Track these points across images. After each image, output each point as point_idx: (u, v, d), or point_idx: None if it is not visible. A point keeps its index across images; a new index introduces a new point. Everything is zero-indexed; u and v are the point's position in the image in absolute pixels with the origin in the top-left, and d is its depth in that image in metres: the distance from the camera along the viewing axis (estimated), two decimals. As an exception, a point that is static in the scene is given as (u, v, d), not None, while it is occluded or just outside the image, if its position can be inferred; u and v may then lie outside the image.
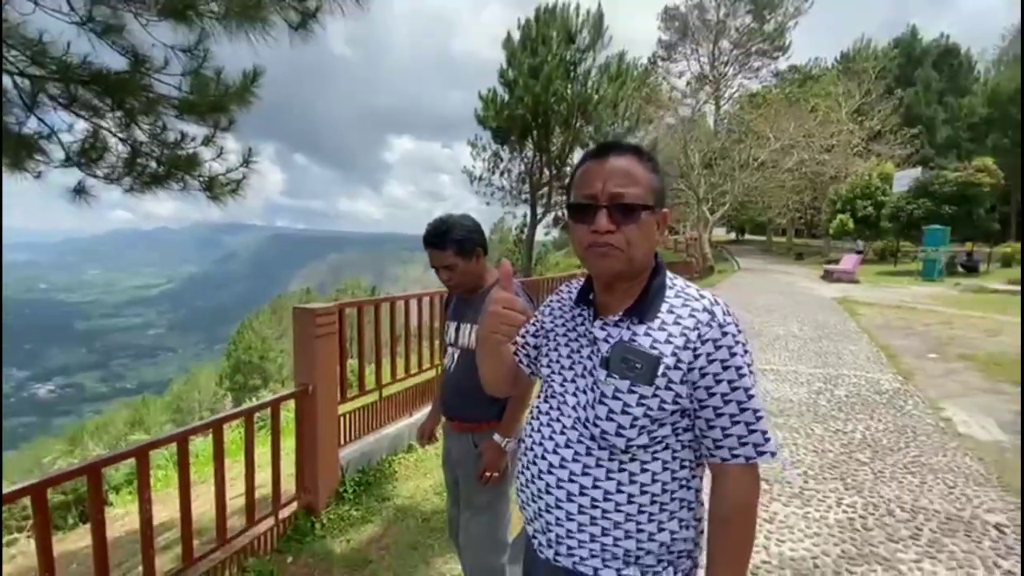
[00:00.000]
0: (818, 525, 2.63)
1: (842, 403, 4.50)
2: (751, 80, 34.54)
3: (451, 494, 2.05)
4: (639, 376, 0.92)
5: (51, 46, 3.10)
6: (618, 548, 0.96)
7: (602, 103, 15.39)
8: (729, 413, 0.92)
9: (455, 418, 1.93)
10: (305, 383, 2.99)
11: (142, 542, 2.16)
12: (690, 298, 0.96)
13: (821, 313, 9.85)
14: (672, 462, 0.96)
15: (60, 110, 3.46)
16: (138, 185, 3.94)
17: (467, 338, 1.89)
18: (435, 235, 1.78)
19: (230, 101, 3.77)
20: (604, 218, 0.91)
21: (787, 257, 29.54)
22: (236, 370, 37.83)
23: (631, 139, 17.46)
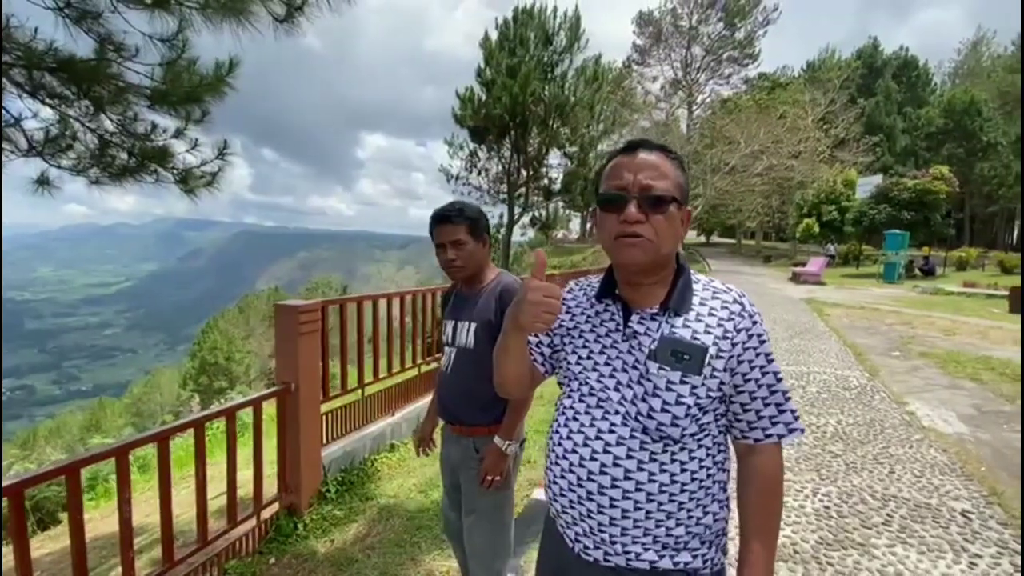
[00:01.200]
0: (796, 514, 2.72)
1: (814, 399, 4.66)
2: (722, 86, 35.51)
3: (450, 498, 1.96)
4: (689, 367, 0.95)
5: (18, 31, 2.96)
6: (670, 537, 0.98)
7: (579, 105, 15.53)
8: (762, 396, 0.98)
9: (454, 421, 1.85)
10: (287, 381, 2.94)
11: (121, 544, 2.08)
12: (718, 291, 1.02)
13: (791, 313, 10.16)
14: (712, 447, 1.00)
15: (25, 97, 3.31)
16: (106, 177, 3.78)
17: (465, 337, 1.80)
18: (450, 209, 1.74)
19: (204, 92, 3.67)
20: (634, 207, 0.94)
21: (756, 259, 30.39)
22: (201, 371, 36.61)
23: (607, 141, 17.68)
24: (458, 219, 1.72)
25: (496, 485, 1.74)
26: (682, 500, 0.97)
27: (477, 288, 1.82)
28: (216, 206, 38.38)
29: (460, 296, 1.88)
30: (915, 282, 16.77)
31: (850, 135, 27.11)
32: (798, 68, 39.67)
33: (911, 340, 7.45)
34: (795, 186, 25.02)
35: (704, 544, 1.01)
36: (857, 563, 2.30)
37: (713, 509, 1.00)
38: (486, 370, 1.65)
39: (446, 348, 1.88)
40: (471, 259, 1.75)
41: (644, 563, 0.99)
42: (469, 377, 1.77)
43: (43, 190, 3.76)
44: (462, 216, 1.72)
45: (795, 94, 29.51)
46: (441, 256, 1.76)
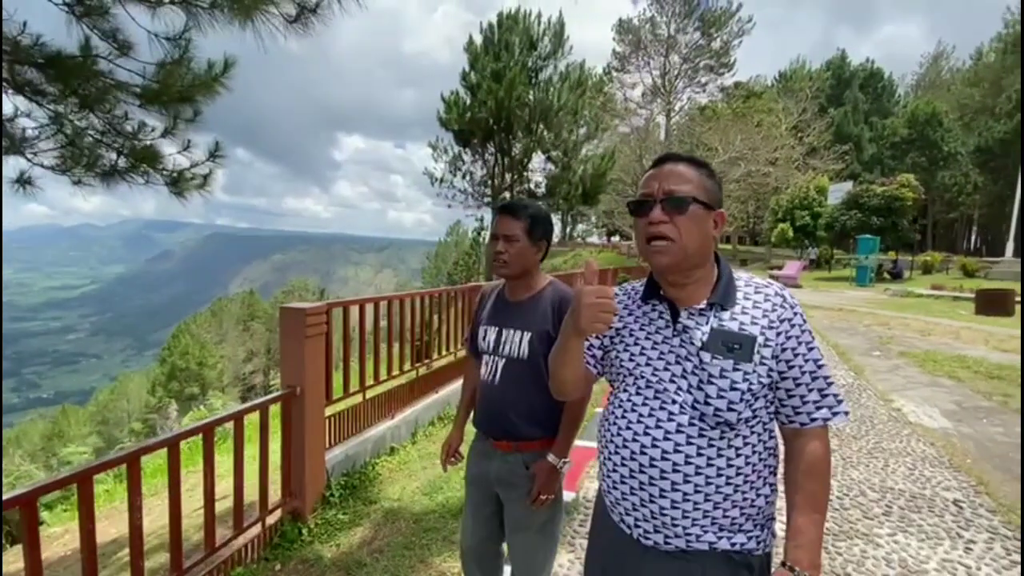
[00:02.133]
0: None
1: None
2: (699, 94, 36.28)
3: (478, 515, 1.79)
4: (740, 355, 1.03)
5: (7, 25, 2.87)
6: (727, 519, 1.04)
7: (563, 110, 15.66)
8: (805, 382, 1.05)
9: (501, 436, 1.72)
10: (292, 385, 2.90)
11: (131, 551, 2.03)
12: (760, 285, 1.10)
13: (771, 315, 10.41)
14: (764, 433, 1.07)
15: (10, 93, 3.20)
16: (91, 177, 3.68)
17: (516, 346, 1.68)
18: (515, 203, 1.71)
19: (197, 91, 3.60)
20: (658, 210, 1.04)
21: (732, 264, 31.06)
22: (171, 377, 35.55)
23: (589, 146, 17.88)
24: (519, 214, 1.66)
25: (548, 504, 1.66)
26: (738, 483, 1.03)
27: (526, 295, 1.72)
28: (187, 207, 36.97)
29: (505, 302, 1.76)
30: (885, 285, 17.41)
31: (821, 143, 28.02)
32: (771, 78, 40.84)
33: (890, 340, 7.73)
34: (771, 192, 25.72)
35: (757, 526, 1.07)
36: (864, 552, 2.40)
37: (765, 492, 1.07)
38: (541, 382, 1.60)
39: (486, 357, 1.75)
40: (519, 258, 1.66)
41: (704, 544, 1.04)
42: (522, 388, 1.67)
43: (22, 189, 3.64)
44: (524, 213, 1.66)
45: (769, 103, 30.42)
46: (491, 247, 1.70)
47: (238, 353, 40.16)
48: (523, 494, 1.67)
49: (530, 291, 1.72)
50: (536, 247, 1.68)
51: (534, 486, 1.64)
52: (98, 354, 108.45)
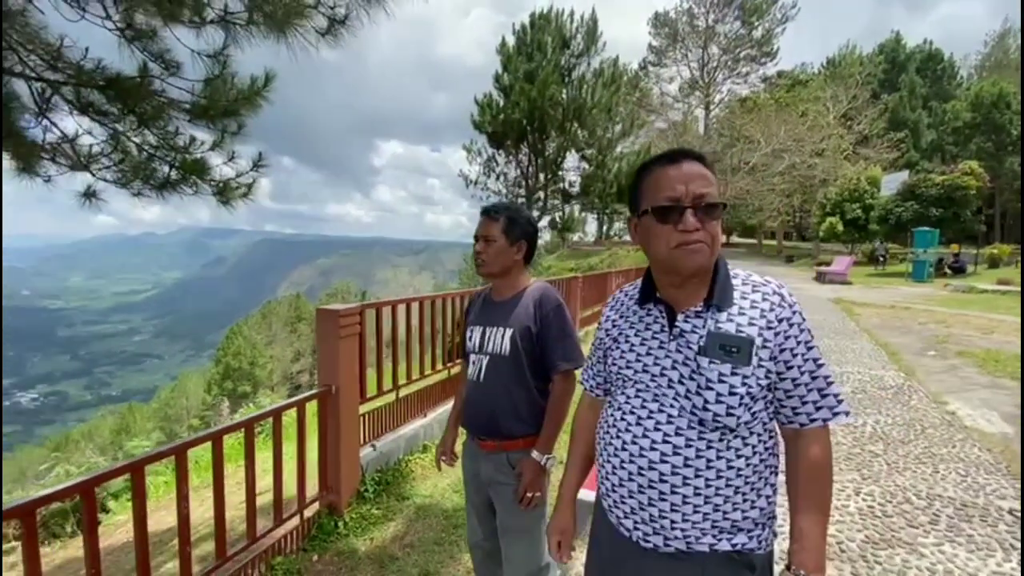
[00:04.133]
0: (840, 513, 2.70)
1: (849, 399, 4.60)
2: (740, 85, 35.10)
3: (478, 518, 1.83)
4: (739, 358, 1.00)
5: (69, 51, 3.10)
6: (727, 521, 1.03)
7: (597, 108, 15.53)
8: (804, 382, 1.03)
9: (485, 436, 1.73)
10: (328, 383, 3.00)
11: (179, 539, 2.16)
12: (758, 284, 1.07)
13: (819, 313, 9.98)
14: (764, 434, 1.05)
15: (75, 114, 3.45)
16: (148, 189, 3.92)
17: (498, 344, 1.70)
18: (494, 205, 1.76)
19: (241, 106, 3.78)
20: (691, 217, 0.99)
21: (777, 259, 29.91)
22: (225, 376, 37.36)
23: (624, 143, 17.65)
24: (497, 216, 1.71)
25: (536, 503, 1.66)
26: (738, 485, 1.02)
27: (510, 295, 1.75)
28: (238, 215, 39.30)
29: (491, 302, 1.80)
30: (945, 280, 16.33)
31: (873, 131, 26.58)
32: (818, 65, 39.02)
33: (947, 339, 7.27)
34: (818, 184, 24.58)
35: (758, 526, 1.05)
36: (906, 561, 2.29)
37: (766, 492, 1.06)
38: (523, 378, 1.67)
39: (473, 356, 1.78)
40: (497, 257, 1.70)
41: (704, 546, 1.03)
42: (505, 385, 1.70)
43: (88, 202, 3.92)
44: (502, 214, 1.71)
45: (816, 91, 29.05)
46: (474, 249, 1.76)
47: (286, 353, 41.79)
48: (510, 493, 1.68)
49: (513, 290, 1.76)
50: (515, 247, 1.72)
51: (520, 485, 1.65)
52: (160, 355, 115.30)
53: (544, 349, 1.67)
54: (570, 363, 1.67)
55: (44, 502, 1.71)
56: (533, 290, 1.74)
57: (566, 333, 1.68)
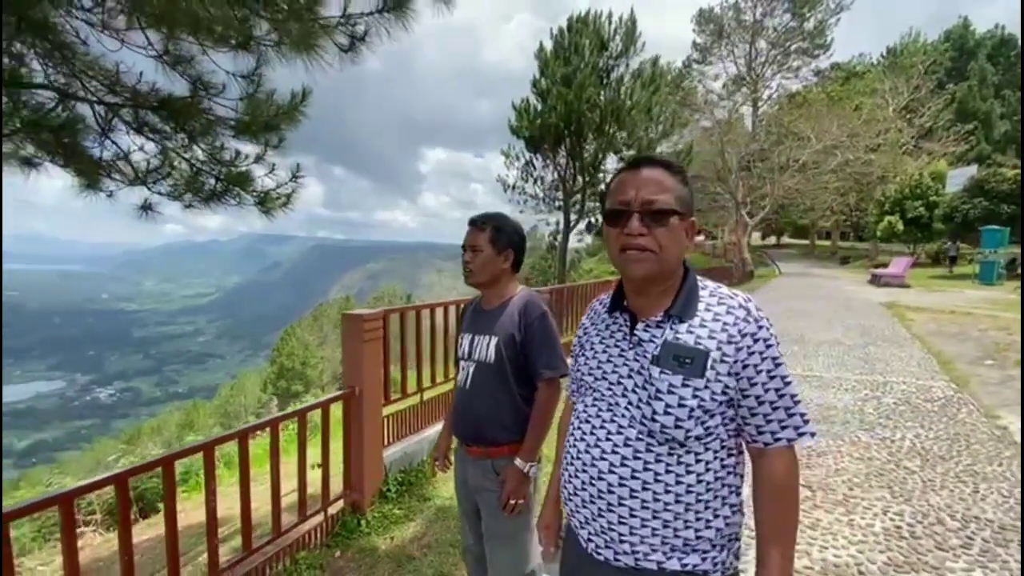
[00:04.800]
0: (863, 532, 2.58)
1: (890, 411, 4.36)
2: (790, 80, 33.56)
3: (468, 522, 1.86)
4: (691, 370, 0.98)
5: (126, 76, 3.39)
6: (678, 539, 1.00)
7: (635, 108, 15.31)
8: (769, 400, 0.98)
9: (471, 442, 1.77)
10: (352, 385, 3.11)
11: (207, 531, 2.31)
12: (724, 296, 1.03)
13: (867, 318, 9.48)
14: (721, 451, 1.01)
15: (132, 134, 3.76)
16: (197, 201, 4.21)
17: (484, 351, 1.73)
18: (481, 216, 1.78)
19: (281, 120, 4.00)
20: (636, 221, 0.99)
21: (831, 261, 28.47)
22: (280, 376, 39.20)
23: (665, 144, 17.31)
24: (481, 225, 1.74)
25: (519, 510, 1.67)
26: (689, 502, 0.99)
27: (498, 303, 1.78)
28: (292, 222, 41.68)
29: (479, 311, 1.84)
30: (1017, 283, 15.04)
31: (938, 124, 24.83)
32: (877, 55, 36.87)
33: (1008, 347, 6.73)
34: (875, 181, 23.19)
35: (715, 547, 1.02)
36: (929, 586, 2.16)
37: (724, 513, 1.01)
38: (508, 385, 1.69)
39: (462, 363, 1.82)
40: (485, 266, 1.74)
41: (652, 563, 1.01)
42: (490, 392, 1.73)
43: (145, 214, 4.25)
44: (485, 223, 1.74)
45: (873, 83, 27.44)
46: (463, 258, 1.79)
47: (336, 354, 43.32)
48: (495, 500, 1.71)
49: (501, 299, 1.78)
50: (502, 256, 1.75)
51: (503, 492, 1.67)
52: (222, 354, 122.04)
53: (528, 357, 1.70)
54: (553, 371, 1.68)
55: (81, 492, 1.89)
56: (519, 299, 1.76)
57: (549, 342, 1.69)
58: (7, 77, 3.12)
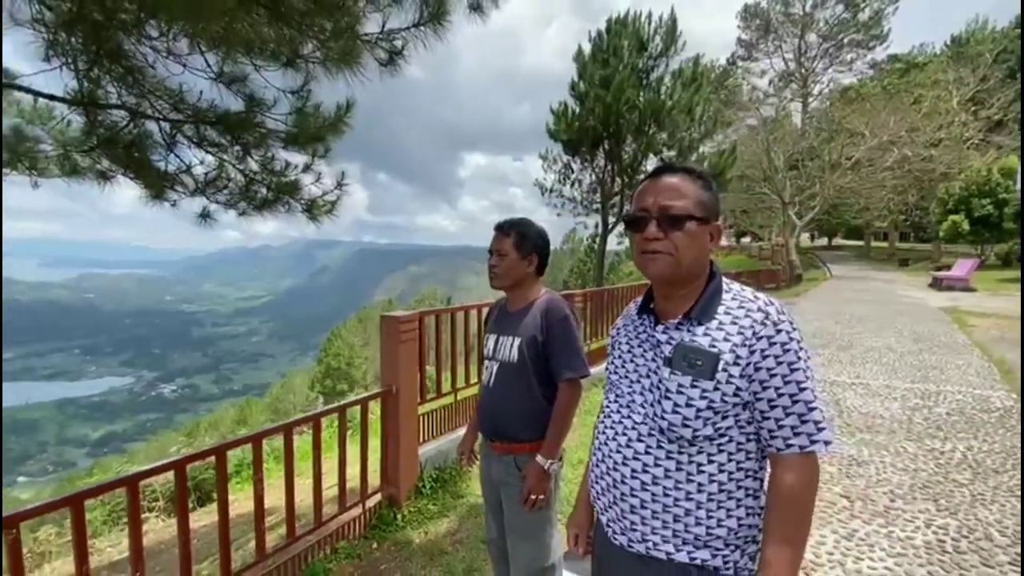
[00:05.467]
0: (903, 545, 2.49)
1: (941, 421, 4.15)
2: (843, 73, 32.05)
3: (492, 515, 1.93)
4: (701, 372, 1.00)
5: (188, 94, 3.69)
6: (689, 533, 1.03)
7: (676, 109, 15.04)
8: (783, 405, 0.98)
9: (495, 438, 1.84)
10: (390, 384, 3.24)
11: (255, 517, 2.49)
12: (746, 300, 1.05)
13: (923, 324, 8.98)
14: (737, 453, 1.03)
15: (193, 148, 4.07)
16: (251, 209, 4.49)
17: (507, 351, 1.80)
18: (506, 222, 1.86)
19: (326, 132, 4.23)
20: (653, 226, 1.04)
21: (889, 263, 26.90)
22: (326, 375, 40.63)
23: (708, 144, 16.91)
24: (507, 230, 1.82)
25: (540, 505, 1.72)
26: (700, 500, 1.02)
27: (522, 305, 1.85)
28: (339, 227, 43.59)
29: (506, 312, 1.91)
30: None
31: (1009, 116, 23.06)
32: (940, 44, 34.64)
33: (1084, 356, 6.20)
34: (937, 178, 21.77)
35: (728, 547, 1.03)
36: (970, 603, 2.08)
37: (738, 514, 1.03)
38: (530, 384, 1.76)
39: (487, 362, 1.90)
40: (509, 270, 1.82)
41: (661, 553, 1.05)
42: (512, 391, 1.80)
43: (204, 222, 4.57)
44: (511, 229, 1.82)
45: (935, 74, 25.77)
46: (489, 262, 1.87)
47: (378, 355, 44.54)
48: (515, 495, 1.77)
49: (525, 301, 1.86)
50: (526, 260, 1.83)
51: (524, 487, 1.73)
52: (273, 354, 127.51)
53: (549, 358, 1.76)
54: (573, 372, 1.73)
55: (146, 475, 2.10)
56: (542, 301, 1.82)
57: (570, 344, 1.75)
58: (86, 99, 3.45)
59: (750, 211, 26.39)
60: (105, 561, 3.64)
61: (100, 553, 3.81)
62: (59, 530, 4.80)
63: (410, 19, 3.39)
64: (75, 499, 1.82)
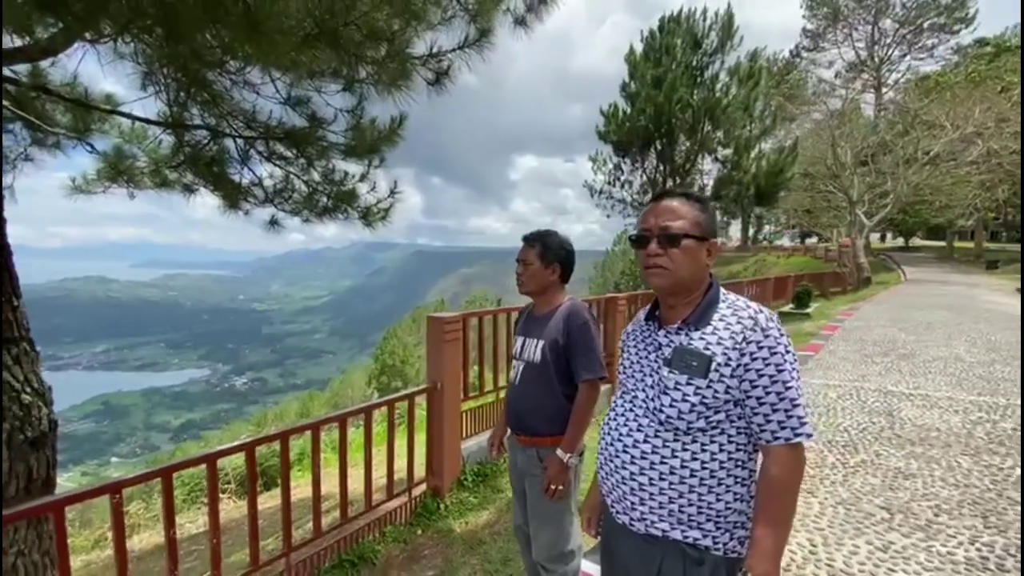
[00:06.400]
0: (941, 560, 2.43)
1: (1005, 436, 3.90)
2: (923, 61, 29.68)
3: (519, 503, 2.08)
4: (695, 371, 1.14)
5: (259, 114, 4.09)
6: (683, 513, 1.16)
7: (732, 106, 14.57)
8: (770, 402, 1.11)
9: (520, 431, 1.99)
10: (435, 381, 3.45)
11: (313, 498, 2.75)
12: (739, 308, 1.18)
13: (1002, 332, 8.32)
14: (728, 444, 1.16)
15: (263, 162, 4.49)
16: (313, 216, 4.89)
17: (532, 352, 1.95)
18: (532, 233, 2.02)
19: (381, 143, 4.54)
20: (654, 244, 1.19)
21: (974, 265, 24.67)
22: (382, 372, 42.18)
23: (766, 141, 16.27)
24: (532, 242, 1.99)
25: (560, 495, 1.86)
26: (692, 484, 1.15)
27: (547, 310, 2.00)
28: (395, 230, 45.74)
29: (532, 316, 2.07)
30: None
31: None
32: (1039, 23, 31.31)
33: None
34: (1032, 173, 19.76)
35: (719, 528, 1.16)
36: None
37: (727, 499, 1.15)
38: (551, 384, 1.92)
39: (514, 362, 2.07)
40: (533, 278, 1.98)
41: (658, 531, 1.19)
42: (535, 389, 1.94)
43: (273, 228, 5.00)
44: (535, 240, 1.99)
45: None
46: (516, 271, 2.05)
47: (431, 354, 45.68)
48: (537, 484, 1.92)
49: (550, 306, 2.01)
50: (549, 269, 1.98)
51: (546, 477, 1.88)
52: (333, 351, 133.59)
53: (569, 360, 1.90)
54: (591, 374, 1.88)
55: (222, 455, 2.41)
56: (564, 308, 1.97)
57: (589, 347, 1.89)
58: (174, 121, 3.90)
59: (814, 211, 25.02)
60: (185, 535, 4.09)
61: (180, 528, 4.27)
62: (146, 505, 5.40)
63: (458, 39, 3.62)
64: (166, 471, 2.14)
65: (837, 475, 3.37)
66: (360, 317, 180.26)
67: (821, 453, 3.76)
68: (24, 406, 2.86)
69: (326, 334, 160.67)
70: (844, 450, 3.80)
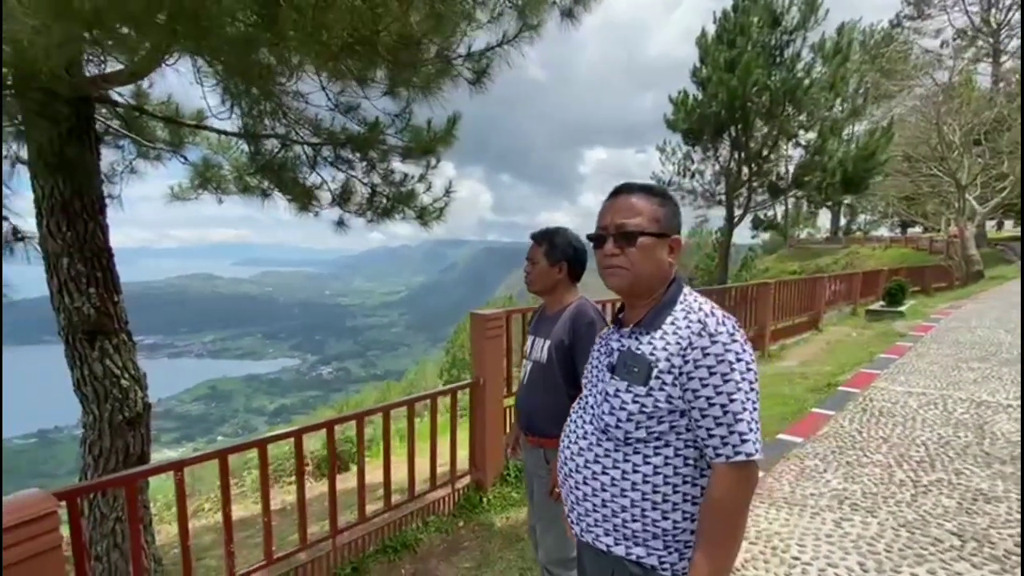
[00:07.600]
0: None
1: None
2: (1056, 21, 25.60)
3: (531, 502, 2.06)
4: (635, 378, 1.07)
5: (322, 122, 4.36)
6: (627, 529, 1.09)
7: (815, 86, 13.48)
8: (713, 415, 1.00)
9: (528, 431, 1.97)
10: (478, 376, 3.50)
11: (357, 486, 2.89)
12: (691, 311, 1.08)
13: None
14: (675, 458, 1.06)
15: (329, 167, 4.77)
16: (374, 217, 5.14)
17: (539, 352, 1.92)
18: (539, 232, 2.00)
19: (437, 144, 4.68)
20: (610, 244, 1.12)
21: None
22: (452, 365, 43.37)
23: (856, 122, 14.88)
24: (539, 240, 1.97)
25: None
26: (635, 498, 1.07)
27: (556, 309, 1.97)
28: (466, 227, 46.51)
29: (543, 315, 2.04)
30: None
31: None
32: None
33: None
34: None
35: (666, 548, 1.07)
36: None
37: (674, 517, 1.06)
38: (557, 384, 1.89)
39: (524, 361, 2.04)
40: (540, 277, 1.96)
41: (603, 546, 1.13)
42: (541, 389, 1.92)
43: (340, 228, 5.31)
44: (542, 239, 1.96)
45: None
46: (524, 269, 2.02)
47: (498, 349, 46.36)
48: (543, 484, 1.90)
49: (559, 305, 1.98)
50: (556, 267, 1.95)
51: (550, 479, 1.85)
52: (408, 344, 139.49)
53: (574, 361, 1.86)
54: None
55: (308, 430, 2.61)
56: (572, 307, 1.93)
57: None
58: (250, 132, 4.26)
59: (917, 197, 22.48)
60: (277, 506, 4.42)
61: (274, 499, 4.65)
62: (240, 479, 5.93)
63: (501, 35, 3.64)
64: (221, 454, 2.36)
65: (905, 494, 3.06)
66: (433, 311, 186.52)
67: (889, 468, 3.43)
68: (123, 389, 3.27)
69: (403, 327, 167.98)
70: (918, 466, 3.44)
